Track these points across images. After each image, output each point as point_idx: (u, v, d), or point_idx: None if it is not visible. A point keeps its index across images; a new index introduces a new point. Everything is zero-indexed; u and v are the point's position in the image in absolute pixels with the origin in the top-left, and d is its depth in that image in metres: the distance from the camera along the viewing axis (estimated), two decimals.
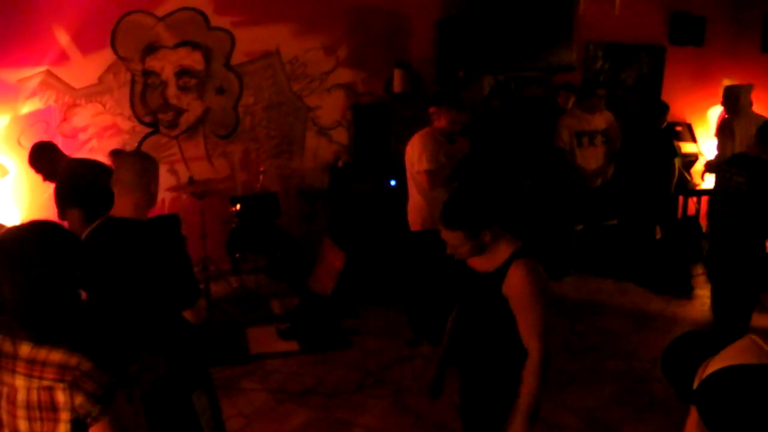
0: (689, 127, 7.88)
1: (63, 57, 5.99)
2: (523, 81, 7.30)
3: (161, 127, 6.45)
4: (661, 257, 6.69)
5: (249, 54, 6.56)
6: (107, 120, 6.26)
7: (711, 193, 5.30)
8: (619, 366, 4.92)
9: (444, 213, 2.49)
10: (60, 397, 1.68)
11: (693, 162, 7.62)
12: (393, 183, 6.53)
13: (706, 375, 1.63)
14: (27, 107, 5.98)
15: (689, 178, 7.30)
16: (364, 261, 5.86)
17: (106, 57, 6.13)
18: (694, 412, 1.66)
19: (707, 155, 7.61)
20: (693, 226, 7.03)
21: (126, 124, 6.31)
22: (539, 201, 6.63)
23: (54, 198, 4.68)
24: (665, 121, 6.64)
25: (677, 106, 7.57)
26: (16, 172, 5.93)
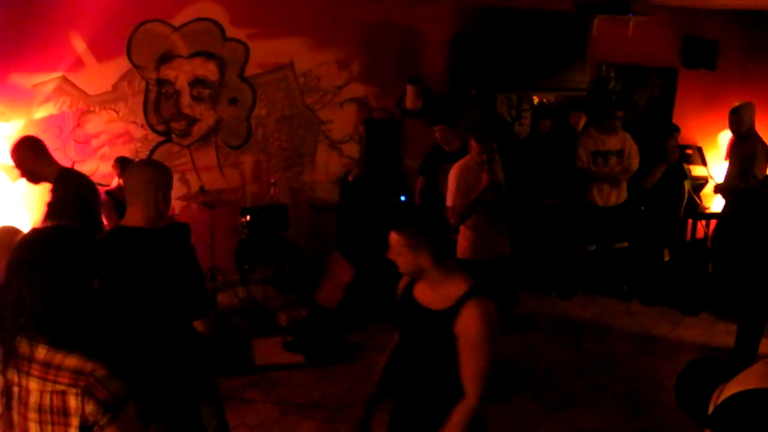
0: (700, 150, 7.86)
1: (78, 63, 6.05)
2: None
3: (173, 136, 6.48)
4: (670, 279, 6.68)
5: (263, 66, 6.59)
6: (120, 127, 6.30)
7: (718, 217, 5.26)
8: (625, 388, 4.90)
9: (399, 217, 2.47)
10: (72, 403, 1.67)
11: (703, 185, 7.60)
12: (403, 198, 6.53)
13: (721, 400, 1.62)
14: (41, 112, 6.03)
15: (698, 201, 7.29)
16: (372, 275, 5.85)
17: (121, 65, 6.18)
18: None
19: (717, 179, 7.59)
20: (701, 249, 7.01)
21: (139, 132, 6.35)
22: (556, 220, 6.65)
23: (49, 207, 3.98)
24: (676, 143, 6.64)
25: (688, 129, 7.56)
26: None
